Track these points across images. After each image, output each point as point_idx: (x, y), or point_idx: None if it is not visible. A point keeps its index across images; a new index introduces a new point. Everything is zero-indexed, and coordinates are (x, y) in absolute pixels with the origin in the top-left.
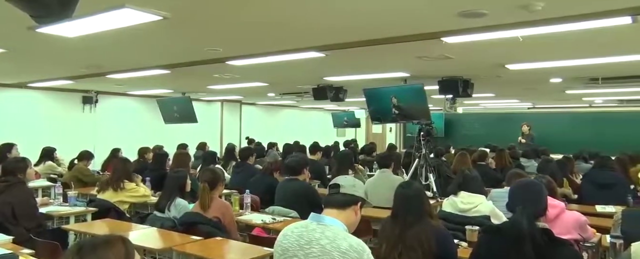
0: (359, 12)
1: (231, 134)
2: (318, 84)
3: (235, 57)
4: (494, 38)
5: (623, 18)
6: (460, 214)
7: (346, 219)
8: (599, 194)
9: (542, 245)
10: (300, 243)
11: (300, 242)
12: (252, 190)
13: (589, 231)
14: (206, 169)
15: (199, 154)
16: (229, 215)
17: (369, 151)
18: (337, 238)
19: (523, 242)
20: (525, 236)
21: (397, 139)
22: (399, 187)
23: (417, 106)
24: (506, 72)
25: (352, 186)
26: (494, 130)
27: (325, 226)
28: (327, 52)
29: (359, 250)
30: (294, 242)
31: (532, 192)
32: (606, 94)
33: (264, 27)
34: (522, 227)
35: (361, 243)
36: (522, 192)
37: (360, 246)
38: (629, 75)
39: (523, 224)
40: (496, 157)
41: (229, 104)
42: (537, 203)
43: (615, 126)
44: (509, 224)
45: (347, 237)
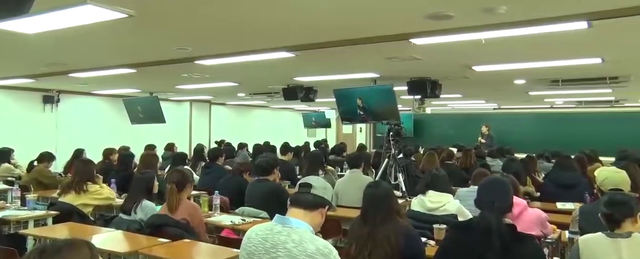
0: (329, 13)
1: (200, 135)
2: (288, 84)
3: (204, 56)
4: (461, 40)
5: (579, 23)
6: (428, 213)
7: (312, 221)
8: (561, 194)
9: (508, 240)
10: (266, 247)
11: (265, 245)
12: (221, 191)
13: (548, 227)
14: (174, 170)
15: (167, 155)
16: (198, 216)
17: (339, 151)
18: (303, 240)
19: (491, 237)
20: (494, 231)
21: (367, 139)
22: (368, 187)
23: (387, 107)
24: (473, 73)
25: (323, 188)
26: (462, 130)
27: (291, 228)
28: (298, 52)
29: (326, 253)
30: (258, 245)
31: (500, 189)
32: (566, 96)
33: (234, 26)
34: (491, 222)
35: (328, 245)
36: (491, 189)
37: (327, 249)
38: (586, 77)
39: (492, 220)
40: (463, 157)
41: (198, 104)
42: (505, 199)
43: (575, 126)
44: (478, 220)
45: (313, 240)
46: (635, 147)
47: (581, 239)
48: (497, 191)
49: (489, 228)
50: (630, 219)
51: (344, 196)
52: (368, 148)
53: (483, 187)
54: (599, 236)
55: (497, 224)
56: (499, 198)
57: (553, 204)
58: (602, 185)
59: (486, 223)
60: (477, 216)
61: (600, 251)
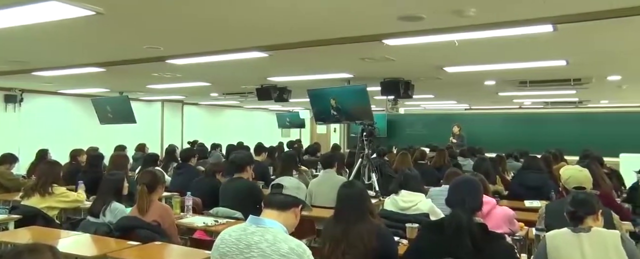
0: (302, 13)
1: (172, 135)
2: (262, 84)
3: (176, 56)
4: (432, 41)
5: (545, 26)
6: (400, 212)
7: (286, 221)
8: (527, 195)
9: (478, 238)
10: (239, 247)
11: (239, 246)
12: (194, 192)
13: (516, 225)
14: (145, 171)
15: (138, 156)
16: (169, 218)
17: (313, 152)
18: (277, 240)
19: (463, 235)
20: (465, 230)
21: (341, 139)
22: (342, 186)
23: (360, 107)
24: (444, 74)
25: (296, 188)
26: (435, 130)
27: (265, 228)
28: (271, 52)
29: (300, 252)
30: (232, 246)
31: (470, 188)
32: (534, 97)
33: (206, 25)
34: (462, 221)
35: (302, 245)
36: (462, 188)
37: (300, 248)
38: (552, 79)
39: (463, 219)
40: (436, 157)
41: (170, 104)
42: (475, 199)
43: (542, 126)
44: (450, 219)
45: (287, 239)
46: (598, 145)
47: (547, 235)
48: (468, 191)
49: (460, 226)
50: (592, 216)
51: (317, 196)
52: (342, 148)
53: (454, 186)
54: (563, 232)
55: (468, 223)
56: (470, 197)
57: (521, 202)
58: (566, 183)
59: (457, 221)
60: (448, 216)
61: (565, 245)
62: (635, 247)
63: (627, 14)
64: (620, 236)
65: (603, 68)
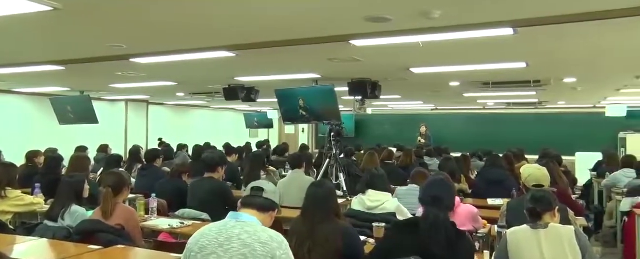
0: (269, 13)
1: (137, 136)
2: (229, 84)
3: (140, 54)
4: (399, 43)
5: (506, 29)
6: (367, 211)
7: (263, 221)
8: (490, 189)
9: (452, 235)
10: (220, 241)
11: (219, 240)
12: (159, 194)
13: (480, 222)
14: (109, 173)
15: (100, 157)
16: (134, 221)
17: (282, 152)
18: (257, 231)
19: (439, 232)
20: (441, 226)
21: (309, 139)
22: (312, 186)
23: (328, 107)
24: (411, 75)
25: (273, 192)
26: (402, 130)
27: (245, 222)
28: (238, 52)
29: (280, 241)
30: (212, 240)
31: (445, 187)
32: (496, 98)
33: (172, 24)
34: (439, 218)
35: (280, 235)
36: (437, 187)
37: (279, 237)
38: (513, 80)
39: (440, 216)
40: (403, 157)
41: (135, 103)
42: (449, 197)
43: (504, 126)
44: (426, 216)
45: (266, 229)
46: (556, 145)
47: (508, 232)
48: (443, 189)
49: (437, 223)
50: (550, 213)
51: (285, 196)
52: (311, 148)
53: (429, 185)
54: (523, 229)
55: (444, 220)
56: (445, 196)
57: (484, 200)
58: (526, 181)
59: (434, 218)
60: (424, 213)
61: (524, 241)
62: (587, 241)
63: (581, 20)
64: (574, 231)
65: (560, 70)
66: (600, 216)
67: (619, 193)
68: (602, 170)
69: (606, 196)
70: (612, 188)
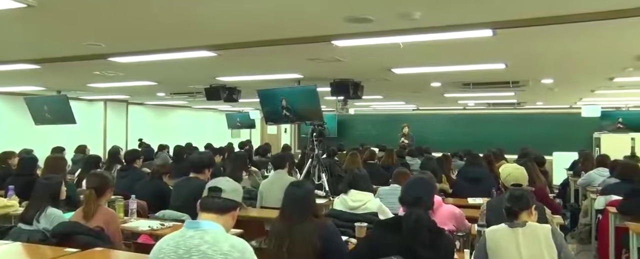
0: (250, 13)
1: (116, 136)
2: (211, 84)
3: (119, 53)
4: (380, 43)
5: (485, 31)
6: (350, 211)
7: (224, 223)
8: (470, 187)
9: (434, 234)
10: (179, 253)
11: (178, 252)
12: (139, 195)
13: (466, 225)
14: (93, 174)
15: (77, 158)
16: (114, 224)
17: (264, 152)
18: (217, 240)
19: (422, 230)
20: (424, 225)
21: (292, 140)
22: (290, 186)
23: (310, 107)
24: (393, 75)
25: (233, 190)
26: (385, 130)
27: (204, 230)
28: (219, 51)
29: (242, 249)
30: (171, 253)
31: (425, 187)
32: (477, 98)
33: (151, 23)
34: (421, 217)
35: (243, 242)
36: (418, 187)
37: (242, 245)
38: (493, 81)
39: (422, 215)
40: (385, 157)
41: (114, 103)
42: (430, 196)
43: (485, 126)
44: (408, 215)
45: (228, 238)
46: (534, 144)
47: (487, 230)
48: (423, 189)
49: (419, 222)
50: (527, 211)
51: (268, 196)
52: (293, 149)
53: (409, 185)
54: (501, 227)
55: (426, 219)
56: (425, 195)
57: (464, 199)
58: (505, 181)
59: (416, 217)
60: (407, 213)
61: (502, 239)
62: (563, 239)
63: (556, 22)
64: (550, 229)
65: (537, 71)
66: (576, 214)
67: (593, 191)
68: (578, 169)
69: (582, 194)
70: (587, 187)
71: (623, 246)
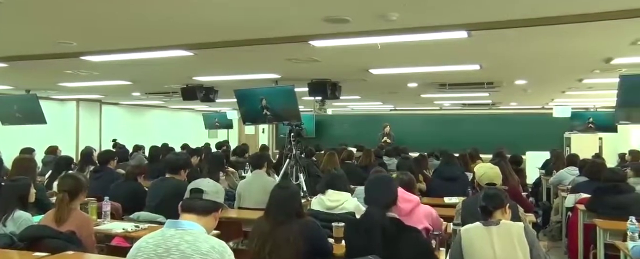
0: (226, 12)
1: (89, 137)
2: (187, 84)
3: (92, 52)
4: (357, 44)
5: (460, 32)
6: (327, 211)
7: (206, 224)
8: (446, 186)
9: (390, 232)
10: (158, 252)
11: (157, 251)
12: (113, 197)
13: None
14: (66, 176)
15: (48, 160)
16: (88, 228)
17: (242, 153)
18: (197, 240)
19: (375, 230)
20: (377, 224)
21: (269, 140)
22: (277, 187)
23: (288, 107)
24: (370, 76)
25: (215, 192)
26: (362, 130)
27: (184, 230)
28: (196, 51)
29: (221, 251)
30: (151, 252)
31: (383, 185)
32: (452, 99)
33: (125, 21)
34: (374, 217)
35: (222, 244)
36: (375, 185)
37: (221, 247)
38: (468, 82)
39: (375, 215)
40: (363, 156)
41: (87, 103)
42: (388, 194)
43: (460, 126)
44: (364, 216)
45: (208, 239)
46: (508, 144)
47: (462, 229)
48: (382, 188)
49: (372, 222)
50: (501, 210)
51: (246, 197)
52: (271, 149)
53: (369, 185)
54: (476, 226)
55: (379, 218)
56: (384, 194)
57: (441, 199)
58: (480, 180)
59: (370, 218)
60: (364, 212)
61: (477, 238)
62: (535, 237)
63: (530, 25)
64: (523, 227)
65: (511, 72)
66: (548, 212)
67: (564, 190)
68: (550, 168)
69: (553, 193)
70: (558, 185)
71: (591, 242)
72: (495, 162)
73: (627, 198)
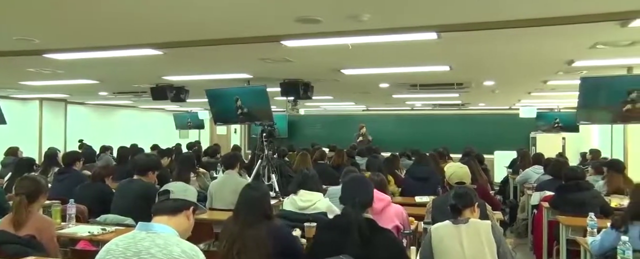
0: (197, 10)
1: (54, 138)
2: (157, 84)
3: (56, 50)
4: (329, 44)
5: (430, 34)
6: (299, 212)
7: (178, 225)
8: (418, 186)
9: (366, 232)
10: (128, 256)
11: (127, 254)
12: (79, 199)
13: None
14: (25, 178)
15: (8, 161)
16: (49, 232)
17: (213, 153)
18: (168, 244)
19: (352, 230)
20: (354, 226)
21: (242, 140)
22: (247, 187)
23: (260, 108)
24: (342, 76)
25: (183, 191)
26: (335, 130)
27: (156, 233)
28: (166, 50)
29: (193, 255)
30: (120, 256)
31: (361, 186)
32: (423, 99)
33: (91, 18)
34: (351, 217)
35: (195, 248)
36: (352, 186)
37: (193, 251)
38: (438, 83)
39: (352, 216)
40: (335, 156)
41: (51, 103)
42: (365, 195)
43: (431, 126)
44: (340, 216)
45: (179, 242)
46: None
47: (432, 227)
48: (358, 188)
49: (349, 222)
50: (470, 208)
51: (217, 197)
52: (243, 149)
53: (345, 185)
54: (445, 224)
55: (356, 219)
56: (361, 195)
57: (412, 198)
58: (449, 179)
59: (347, 218)
60: (340, 213)
61: (446, 236)
62: (502, 234)
63: (498, 27)
64: (491, 225)
65: (480, 74)
66: (515, 209)
67: (529, 188)
68: (517, 167)
69: (520, 191)
70: (524, 184)
71: (555, 238)
72: (464, 161)
73: (587, 195)
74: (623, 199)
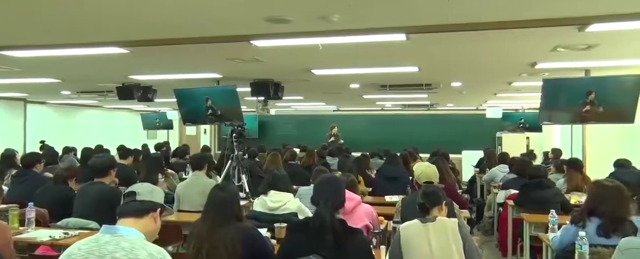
0: (163, 7)
1: (12, 139)
2: (123, 83)
3: (13, 47)
4: (300, 44)
5: (399, 35)
6: (269, 212)
7: (144, 227)
8: (388, 185)
9: (340, 234)
10: None
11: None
12: (39, 202)
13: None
14: None
15: None
16: (3, 236)
17: (182, 154)
18: (134, 247)
19: (326, 232)
20: (327, 227)
21: (211, 141)
22: (216, 188)
23: (230, 108)
24: (312, 76)
25: (149, 192)
26: (306, 130)
27: (121, 236)
28: (132, 48)
29: (160, 258)
30: None
31: (333, 186)
32: (393, 100)
33: (52, 14)
34: (325, 219)
35: (161, 251)
36: (325, 186)
37: (160, 254)
38: (408, 83)
39: (326, 217)
40: (306, 157)
41: (8, 102)
42: (338, 196)
43: (401, 126)
44: (314, 217)
45: (145, 245)
46: (445, 143)
47: (401, 226)
48: (330, 189)
49: (323, 224)
50: (438, 207)
51: (185, 199)
52: (213, 150)
53: (317, 185)
54: (414, 223)
55: (330, 220)
56: (333, 195)
57: (382, 198)
58: (418, 178)
59: (321, 220)
60: (312, 215)
61: (415, 234)
62: (468, 232)
63: (464, 29)
64: (457, 223)
65: (447, 75)
66: (482, 207)
67: (495, 187)
68: (483, 166)
69: (486, 189)
70: (491, 182)
71: (519, 235)
72: (432, 161)
73: (549, 193)
74: (581, 196)
